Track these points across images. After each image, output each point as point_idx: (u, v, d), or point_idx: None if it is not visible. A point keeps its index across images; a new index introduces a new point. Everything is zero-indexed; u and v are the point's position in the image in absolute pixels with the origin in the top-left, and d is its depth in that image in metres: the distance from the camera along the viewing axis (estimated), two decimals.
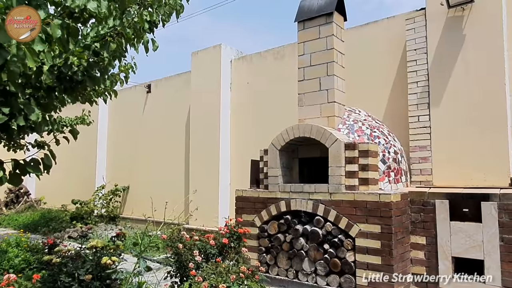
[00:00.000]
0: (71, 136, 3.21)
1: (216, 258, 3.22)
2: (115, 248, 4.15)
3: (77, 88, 3.05)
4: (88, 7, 2.44)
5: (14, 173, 2.81)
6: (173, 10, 3.59)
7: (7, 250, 4.77)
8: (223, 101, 7.75)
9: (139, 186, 9.74)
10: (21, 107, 2.70)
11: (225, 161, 7.77)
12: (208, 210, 7.66)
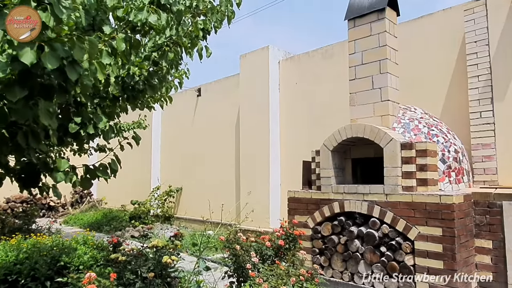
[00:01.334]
0: (133, 141, 3.40)
1: (274, 260, 3.25)
2: (174, 248, 4.34)
3: (139, 97, 3.23)
4: (149, 20, 2.58)
5: (85, 177, 3.04)
6: (224, 17, 3.68)
7: (76, 248, 5.14)
8: (272, 102, 7.80)
9: (192, 187, 10.06)
10: (91, 117, 2.90)
11: (275, 162, 7.81)
12: (259, 211, 7.74)
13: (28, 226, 8.18)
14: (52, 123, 2.19)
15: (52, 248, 4.90)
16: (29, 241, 5.38)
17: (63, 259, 4.59)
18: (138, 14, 2.59)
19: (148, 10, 2.58)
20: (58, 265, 4.54)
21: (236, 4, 3.79)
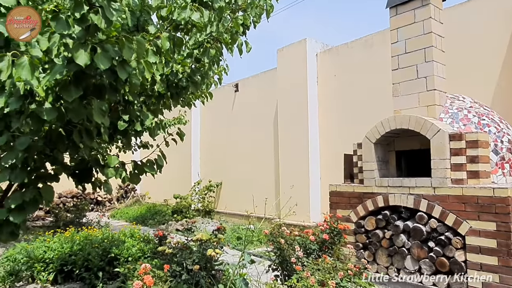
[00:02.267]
0: (177, 137, 3.48)
1: (318, 254, 3.23)
2: (217, 241, 4.42)
3: (182, 94, 3.30)
4: (192, 18, 2.62)
5: (133, 173, 3.16)
6: (263, 11, 3.67)
7: (125, 241, 5.37)
8: (310, 95, 7.71)
9: (231, 182, 10.19)
10: (138, 114, 3.01)
11: (314, 155, 7.73)
12: (299, 205, 7.70)
13: (79, 219, 8.65)
14: (105, 121, 2.29)
15: (103, 241, 5.14)
16: (81, 233, 5.68)
17: (113, 251, 4.81)
18: (182, 13, 2.63)
19: (191, 8, 2.62)
20: (109, 256, 4.76)
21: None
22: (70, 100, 2.07)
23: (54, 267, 4.64)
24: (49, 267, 4.66)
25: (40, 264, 4.67)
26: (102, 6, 1.95)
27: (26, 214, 2.70)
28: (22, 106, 2.12)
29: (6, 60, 1.94)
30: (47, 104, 2.14)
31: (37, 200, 2.74)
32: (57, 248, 4.92)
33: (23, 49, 2.27)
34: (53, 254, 4.78)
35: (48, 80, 2.03)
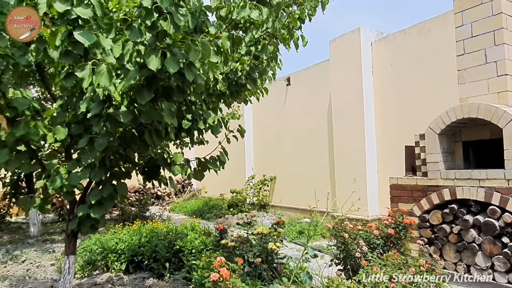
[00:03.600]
0: (238, 134, 3.57)
1: (383, 249, 3.17)
2: (277, 235, 4.48)
3: (242, 91, 3.37)
4: (251, 16, 2.66)
5: (198, 169, 3.30)
6: (318, 3, 3.62)
7: (187, 234, 5.61)
8: (365, 86, 7.49)
9: (285, 176, 10.22)
10: (201, 113, 3.12)
11: (371, 147, 7.52)
12: (355, 198, 7.55)
13: (142, 213, 9.17)
14: (174, 121, 2.41)
15: (168, 234, 5.42)
16: (147, 226, 6.02)
17: (178, 243, 5.05)
18: (241, 12, 2.68)
19: (250, 7, 2.66)
20: (174, 248, 5.01)
21: None
22: (143, 103, 2.21)
23: (125, 257, 4.98)
24: (121, 257, 5.00)
25: (113, 254, 5.03)
26: (170, 12, 2.04)
27: (104, 210, 2.93)
28: (101, 110, 2.29)
29: (87, 69, 2.11)
30: (123, 107, 2.30)
31: (113, 196, 2.96)
32: (127, 240, 5.26)
33: (99, 57, 2.45)
34: (124, 245, 5.12)
35: (123, 85, 2.17)
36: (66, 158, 3.18)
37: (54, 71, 3.19)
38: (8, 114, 2.71)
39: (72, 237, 3.18)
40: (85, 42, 2.22)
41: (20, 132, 2.60)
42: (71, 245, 3.16)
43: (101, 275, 4.80)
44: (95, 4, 2.24)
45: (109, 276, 4.70)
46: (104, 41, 2.32)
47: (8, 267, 5.25)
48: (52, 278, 4.78)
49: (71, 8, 2.18)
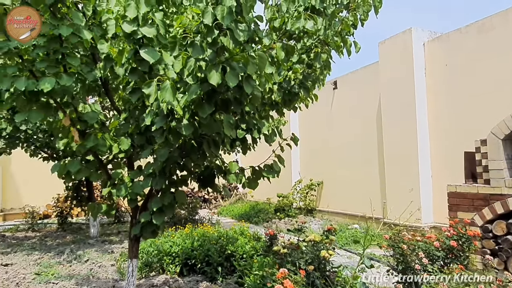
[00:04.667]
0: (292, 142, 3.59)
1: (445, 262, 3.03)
2: (329, 242, 4.44)
3: (294, 99, 3.39)
4: (306, 27, 2.68)
5: (252, 178, 3.36)
6: (371, 8, 3.55)
7: (237, 238, 5.70)
8: (418, 88, 7.22)
9: (333, 180, 10.07)
10: (255, 123, 3.17)
11: (424, 152, 7.23)
12: (408, 205, 7.28)
13: (192, 216, 9.43)
14: (233, 133, 2.47)
15: (219, 238, 5.54)
16: (198, 230, 6.19)
17: (229, 248, 5.15)
18: (296, 23, 2.70)
19: (305, 17, 2.68)
20: (226, 253, 5.11)
21: None
22: (204, 116, 2.29)
23: (179, 260, 5.16)
24: (175, 260, 5.19)
25: (168, 257, 5.23)
26: (230, 28, 2.11)
27: (165, 216, 3.07)
28: (165, 124, 2.41)
29: (153, 85, 2.23)
30: (185, 120, 2.40)
31: (173, 204, 3.09)
32: (180, 243, 5.44)
33: (161, 72, 2.58)
34: (178, 248, 5.31)
35: (186, 99, 2.27)
36: (129, 167, 3.37)
37: (117, 85, 3.39)
38: (79, 127, 2.92)
39: (135, 242, 3.35)
40: (150, 60, 2.35)
41: (90, 143, 2.80)
42: (134, 249, 3.34)
43: (157, 276, 5.01)
44: (159, 23, 2.37)
45: (165, 278, 4.89)
46: (167, 57, 2.45)
47: (73, 266, 5.62)
48: (113, 278, 5.05)
49: (137, 28, 2.32)
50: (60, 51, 2.59)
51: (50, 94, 2.56)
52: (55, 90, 2.52)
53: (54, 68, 2.60)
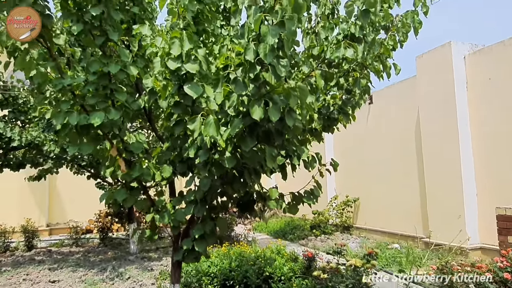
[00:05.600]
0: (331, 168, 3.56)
1: None
2: (371, 267, 4.32)
3: (334, 125, 3.36)
4: (346, 55, 2.67)
5: (292, 203, 3.35)
6: (410, 29, 3.50)
7: (275, 259, 5.67)
8: (459, 103, 6.96)
9: (370, 197, 9.83)
10: (294, 149, 3.17)
11: (468, 169, 6.92)
12: (451, 224, 6.97)
13: (228, 233, 9.48)
14: (275, 165, 2.49)
15: (257, 258, 5.53)
16: (235, 249, 6.21)
17: (267, 269, 5.13)
18: (335, 52, 2.70)
19: (345, 46, 2.67)
20: (264, 275, 5.09)
21: (424, 13, 3.57)
22: (247, 149, 2.32)
23: (218, 281, 5.18)
24: (214, 281, 5.22)
25: (206, 277, 5.27)
26: (272, 64, 2.14)
27: (207, 244, 3.11)
28: (208, 157, 2.47)
29: (197, 121, 2.30)
30: (227, 153, 2.44)
31: (214, 231, 3.13)
32: (218, 263, 5.48)
33: (203, 105, 2.65)
34: (216, 269, 5.34)
35: (228, 133, 2.31)
36: (170, 194, 3.46)
37: (160, 114, 3.51)
38: (124, 156, 3.04)
39: (177, 267, 3.41)
40: (193, 95, 2.43)
41: (136, 173, 2.90)
42: (176, 275, 3.40)
43: None
44: (201, 59, 2.44)
45: None
46: (209, 91, 2.52)
47: (116, 284, 5.79)
48: None
49: (181, 65, 2.41)
50: (109, 86, 2.72)
51: (99, 128, 2.69)
52: (104, 123, 2.64)
53: (103, 103, 2.73)
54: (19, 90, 6.76)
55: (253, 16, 2.18)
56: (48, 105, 3.27)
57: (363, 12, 2.65)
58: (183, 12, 2.60)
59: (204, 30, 2.98)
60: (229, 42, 3.19)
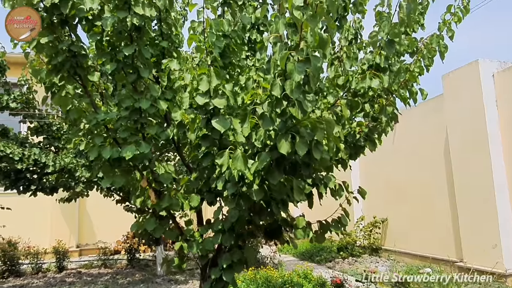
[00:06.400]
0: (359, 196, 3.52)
1: None
2: None
3: (360, 152, 3.34)
4: (372, 86, 2.68)
5: (320, 232, 3.32)
6: (436, 53, 3.48)
7: (302, 284, 5.59)
8: (489, 121, 6.77)
9: (398, 217, 9.58)
10: (321, 178, 3.17)
11: (501, 190, 6.66)
12: (485, 248, 6.68)
13: (254, 256, 9.42)
14: (303, 197, 2.49)
15: (284, 284, 5.47)
16: (261, 273, 6.16)
17: None
18: (361, 83, 2.71)
19: (370, 77, 2.68)
20: None
21: (449, 37, 3.55)
22: (275, 183, 2.35)
23: None
24: None
25: None
26: (299, 100, 2.17)
27: (234, 273, 3.11)
28: (236, 190, 2.50)
29: (225, 156, 2.35)
30: (255, 186, 2.46)
31: (242, 260, 3.13)
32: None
33: (231, 138, 2.70)
34: None
35: (256, 167, 2.34)
36: (198, 222, 3.50)
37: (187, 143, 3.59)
38: (154, 186, 3.12)
39: None
40: (221, 129, 2.49)
41: (165, 204, 2.97)
42: None
43: None
44: (229, 94, 2.51)
45: None
46: (236, 125, 2.57)
47: None
48: None
49: (209, 100, 2.48)
50: (139, 120, 2.83)
51: (131, 160, 2.78)
52: (136, 156, 2.73)
53: (134, 136, 2.84)
54: (53, 117, 7.09)
55: (278, 52, 2.23)
56: (82, 136, 3.43)
57: (387, 42, 2.66)
58: (210, 47, 2.69)
59: (230, 62, 3.06)
60: (254, 72, 3.26)
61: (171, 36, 3.49)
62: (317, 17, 2.05)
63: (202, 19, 2.80)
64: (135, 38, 2.68)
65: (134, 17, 2.54)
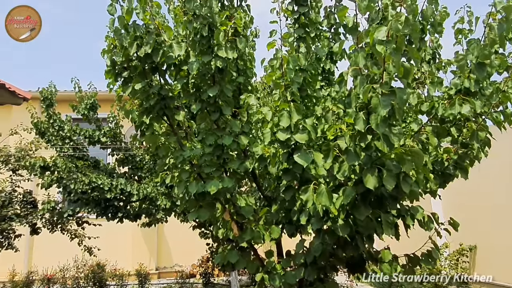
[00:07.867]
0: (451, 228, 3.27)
1: None
2: None
3: (449, 181, 3.12)
4: (462, 112, 2.51)
5: (408, 267, 3.13)
6: None
7: None
8: None
9: (490, 244, 8.67)
10: (407, 209, 3.00)
11: None
12: None
13: None
14: (392, 232, 2.38)
15: None
16: None
17: None
18: (449, 109, 2.56)
19: (460, 103, 2.53)
20: None
21: None
22: (361, 218, 2.27)
23: None
24: None
25: None
26: (385, 134, 2.10)
27: None
28: (321, 225, 2.47)
29: (309, 191, 2.34)
30: (340, 220, 2.41)
31: None
32: None
33: (312, 172, 2.69)
34: None
35: (341, 202, 2.30)
36: (278, 254, 3.49)
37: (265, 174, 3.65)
38: (236, 218, 3.20)
39: None
40: (303, 164, 2.49)
41: (247, 236, 3.01)
42: None
43: None
44: (310, 129, 2.52)
45: None
46: (318, 159, 2.56)
47: None
48: None
49: (291, 136, 2.51)
50: (222, 156, 2.95)
51: (215, 195, 2.89)
52: (219, 191, 2.84)
53: (218, 171, 2.96)
54: (137, 149, 7.67)
55: (360, 86, 2.20)
56: (167, 170, 3.64)
57: (477, 66, 2.49)
58: (288, 83, 2.73)
59: (307, 95, 3.08)
60: (330, 103, 3.25)
61: (247, 71, 3.63)
62: (400, 50, 2.00)
63: (280, 55, 2.87)
64: (217, 79, 2.83)
65: (218, 60, 2.69)
